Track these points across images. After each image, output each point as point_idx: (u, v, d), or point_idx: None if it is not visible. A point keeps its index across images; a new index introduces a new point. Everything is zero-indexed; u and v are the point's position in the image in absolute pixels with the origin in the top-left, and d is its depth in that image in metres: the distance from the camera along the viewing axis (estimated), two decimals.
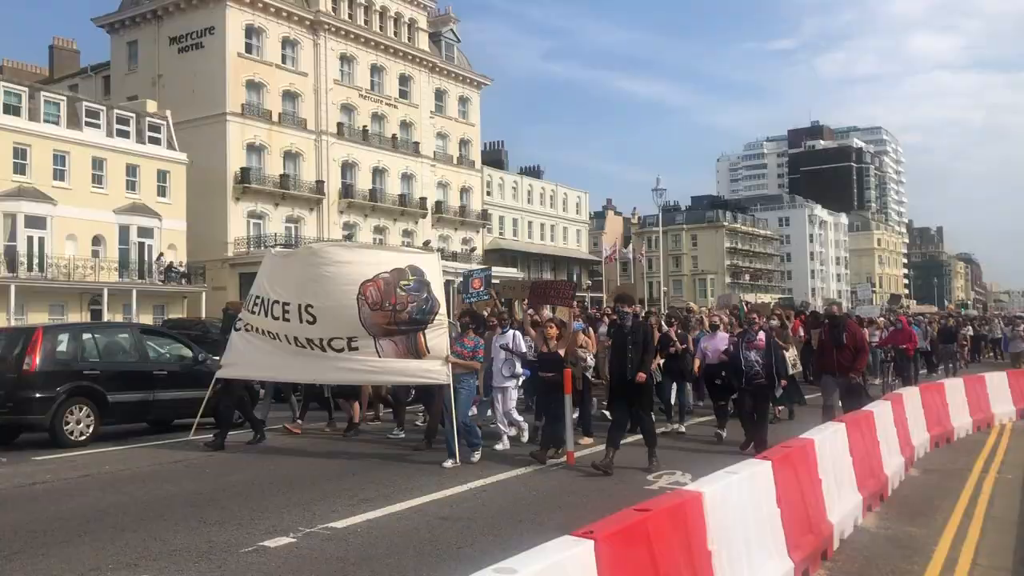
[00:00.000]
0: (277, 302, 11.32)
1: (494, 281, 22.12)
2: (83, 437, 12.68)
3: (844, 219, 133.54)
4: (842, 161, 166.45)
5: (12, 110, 37.68)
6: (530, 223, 73.66)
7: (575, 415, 11.41)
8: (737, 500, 5.23)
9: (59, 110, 39.53)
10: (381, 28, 56.81)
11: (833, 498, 7.00)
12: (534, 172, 79.07)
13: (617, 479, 9.64)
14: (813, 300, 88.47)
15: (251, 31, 48.71)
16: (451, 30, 64.62)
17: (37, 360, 12.60)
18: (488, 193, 67.69)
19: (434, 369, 10.78)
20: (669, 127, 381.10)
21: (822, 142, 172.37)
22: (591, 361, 12.41)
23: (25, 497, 9.08)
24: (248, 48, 48.49)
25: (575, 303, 11.70)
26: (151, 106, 44.85)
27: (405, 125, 58.23)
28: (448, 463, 10.34)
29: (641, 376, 10.08)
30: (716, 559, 4.71)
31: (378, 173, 55.90)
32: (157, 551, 6.70)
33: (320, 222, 51.59)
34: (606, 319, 14.97)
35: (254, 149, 48.45)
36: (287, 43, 50.89)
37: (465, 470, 10.10)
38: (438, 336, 10.77)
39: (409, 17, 59.00)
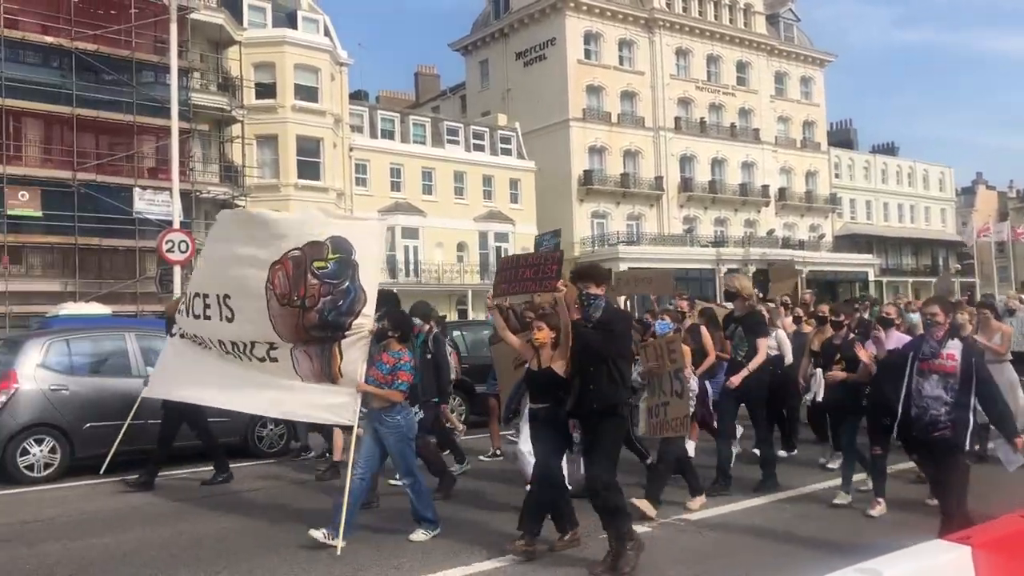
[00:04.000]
0: (198, 295, 8.26)
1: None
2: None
3: None
4: None
5: (387, 134, 42.91)
6: (885, 204, 68.33)
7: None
8: None
9: (425, 131, 44.38)
10: (716, 17, 56.04)
11: None
12: (888, 150, 73.28)
13: (996, 486, 8.70)
14: None
15: (589, 37, 50.50)
16: (789, 10, 62.01)
17: None
18: (836, 175, 63.95)
19: (337, 403, 7.23)
20: None
21: None
22: (694, 385, 8.57)
23: None
24: (587, 54, 50.32)
25: (561, 283, 6.61)
26: (501, 119, 48.48)
27: (744, 112, 56.92)
28: (320, 533, 6.63)
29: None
30: None
31: (717, 164, 55.23)
32: (487, 541, 7.18)
33: (660, 217, 52.12)
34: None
35: (595, 151, 50.19)
36: (623, 44, 52.06)
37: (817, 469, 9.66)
38: (356, 351, 7.15)
39: (744, 2, 57.56)
